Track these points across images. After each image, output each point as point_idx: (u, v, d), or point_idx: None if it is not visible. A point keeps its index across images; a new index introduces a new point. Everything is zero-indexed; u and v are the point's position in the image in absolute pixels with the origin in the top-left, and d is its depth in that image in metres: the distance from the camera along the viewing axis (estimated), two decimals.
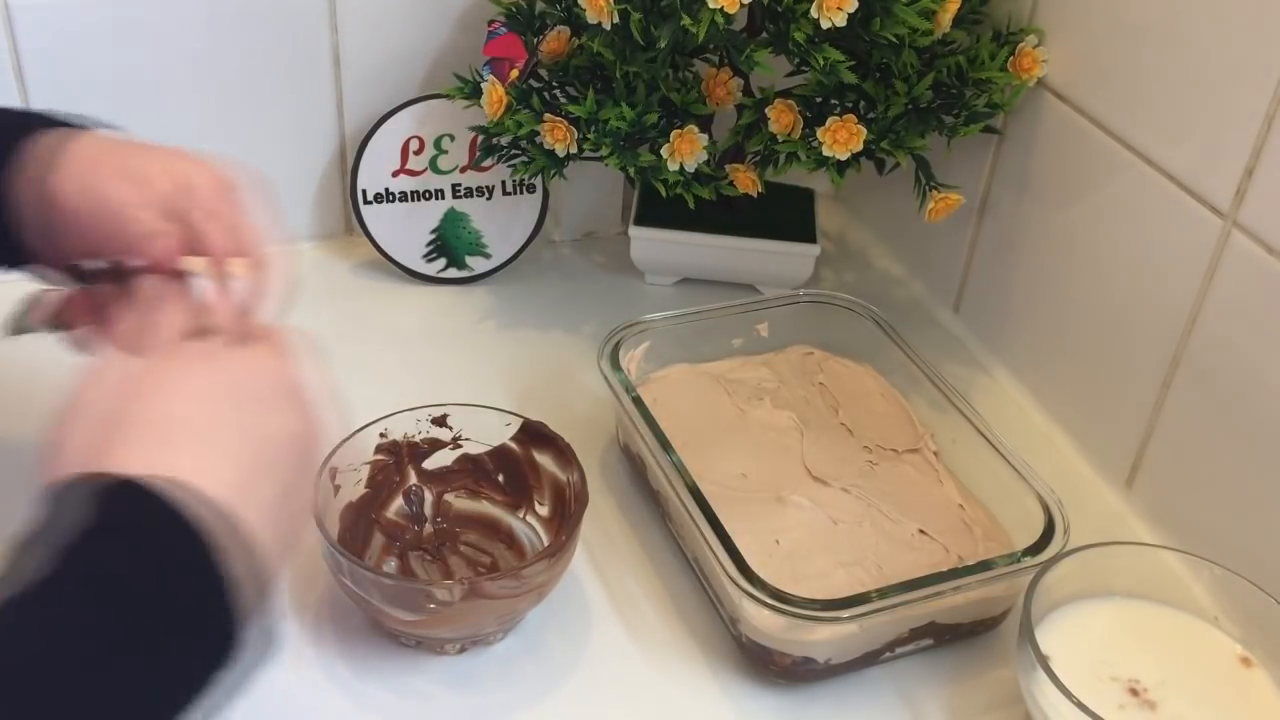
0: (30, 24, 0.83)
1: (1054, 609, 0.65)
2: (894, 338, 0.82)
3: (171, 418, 0.50)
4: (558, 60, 0.86)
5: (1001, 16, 0.84)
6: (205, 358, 0.55)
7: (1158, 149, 0.74)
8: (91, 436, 0.49)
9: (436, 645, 0.67)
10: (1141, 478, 0.79)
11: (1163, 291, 0.75)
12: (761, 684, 0.68)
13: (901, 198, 0.92)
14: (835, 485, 0.76)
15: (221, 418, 0.51)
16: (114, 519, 0.45)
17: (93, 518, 0.44)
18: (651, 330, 0.81)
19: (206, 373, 0.53)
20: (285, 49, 0.90)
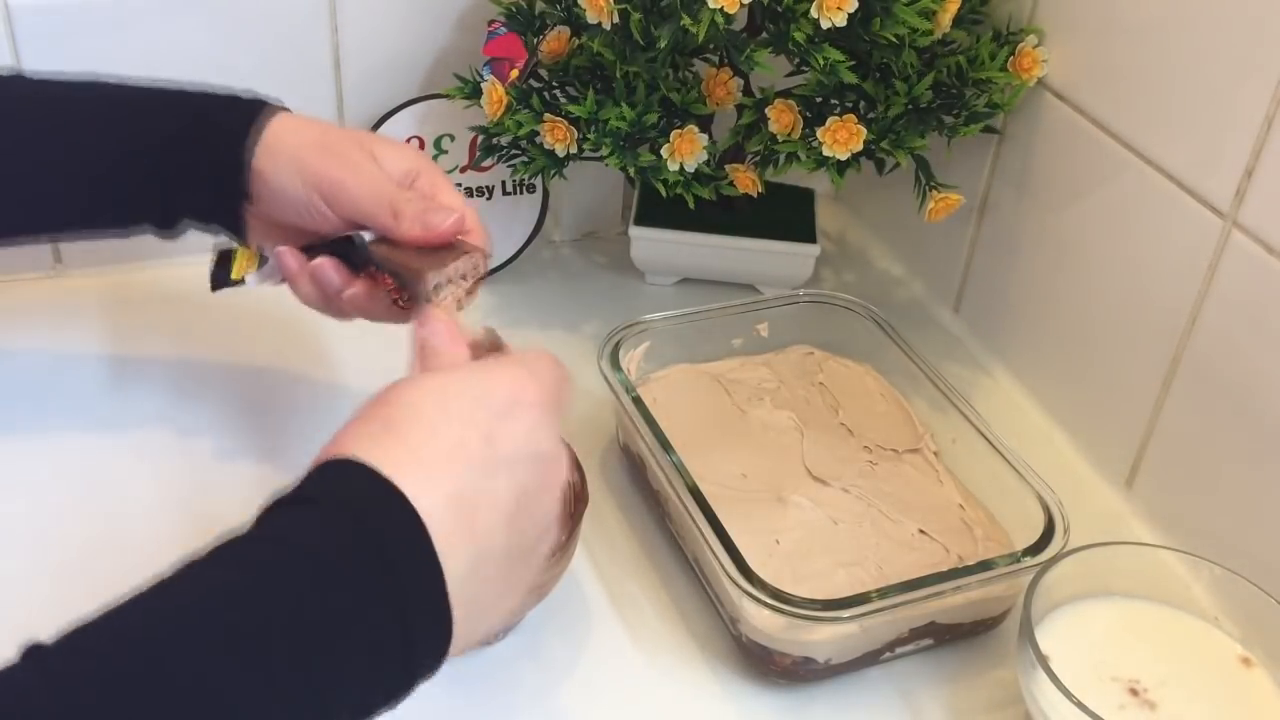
0: (30, 24, 0.83)
1: (1054, 609, 0.65)
2: (894, 338, 0.82)
3: (425, 422, 0.49)
4: (558, 60, 0.86)
5: (1001, 16, 0.85)
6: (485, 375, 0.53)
7: (1158, 149, 0.74)
8: (361, 428, 0.48)
9: None
10: (1141, 478, 0.79)
11: (1163, 291, 0.75)
12: (761, 684, 0.68)
13: (901, 198, 0.92)
14: (835, 485, 0.76)
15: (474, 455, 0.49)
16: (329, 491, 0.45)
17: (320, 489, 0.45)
18: (651, 330, 0.81)
19: (478, 393, 0.51)
20: (285, 49, 0.90)
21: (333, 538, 0.44)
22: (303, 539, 0.44)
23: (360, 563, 0.44)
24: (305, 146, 0.67)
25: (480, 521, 0.47)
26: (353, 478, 0.46)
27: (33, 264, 0.93)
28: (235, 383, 0.85)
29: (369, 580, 0.43)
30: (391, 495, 0.45)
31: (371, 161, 0.67)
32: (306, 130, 0.68)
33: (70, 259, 0.93)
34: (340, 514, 0.44)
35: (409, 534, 0.45)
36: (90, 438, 0.79)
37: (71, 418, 0.81)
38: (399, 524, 0.45)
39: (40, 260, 0.93)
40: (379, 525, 0.44)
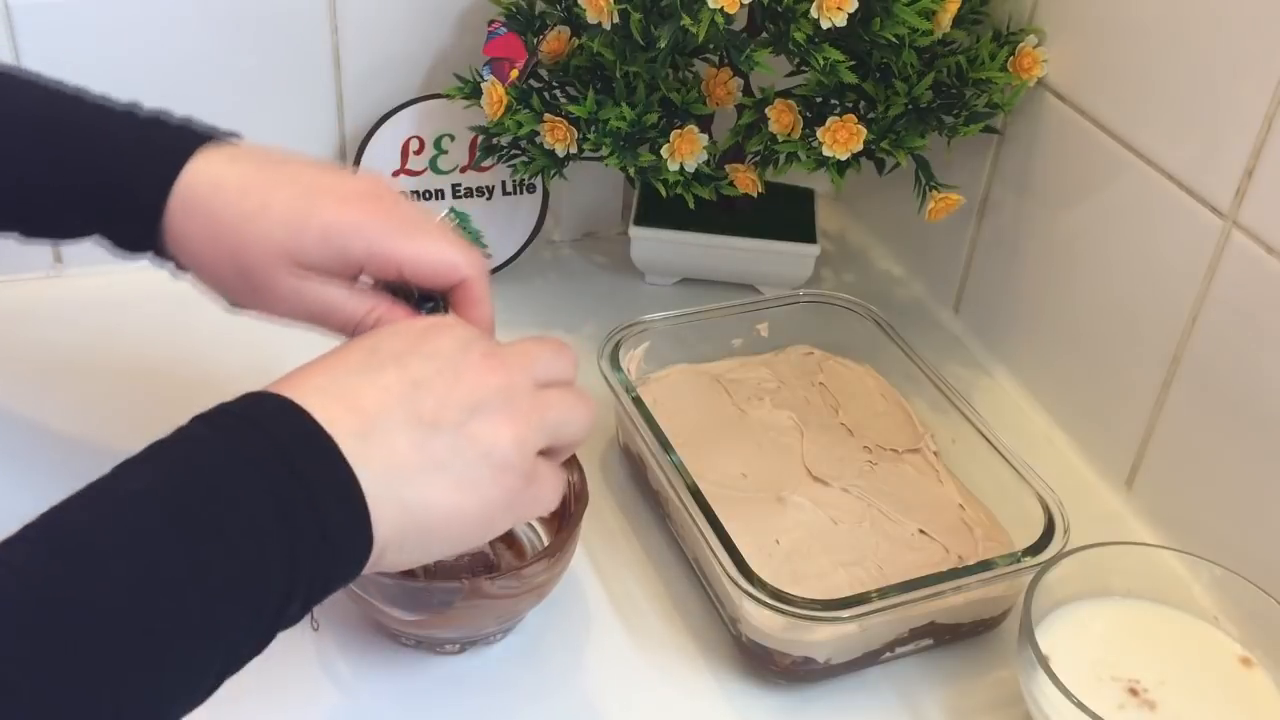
0: (30, 24, 0.83)
1: (1054, 609, 0.65)
2: (894, 338, 0.82)
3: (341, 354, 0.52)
4: (558, 60, 0.86)
5: (1001, 16, 0.85)
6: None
7: (1158, 149, 0.74)
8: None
9: (436, 645, 0.67)
10: (1141, 478, 0.79)
11: (1163, 291, 0.75)
12: (761, 684, 0.68)
13: (901, 198, 0.92)
14: (835, 485, 0.76)
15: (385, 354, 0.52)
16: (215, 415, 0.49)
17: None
18: (651, 330, 0.81)
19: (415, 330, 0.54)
20: (285, 49, 0.90)
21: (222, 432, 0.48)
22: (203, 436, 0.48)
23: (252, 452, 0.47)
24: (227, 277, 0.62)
25: (366, 400, 0.50)
26: (247, 398, 0.50)
27: (33, 264, 0.93)
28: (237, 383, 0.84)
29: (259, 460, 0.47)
30: (272, 396, 0.49)
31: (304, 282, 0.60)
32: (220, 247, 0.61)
33: (70, 259, 0.93)
34: (233, 420, 0.49)
35: (286, 413, 0.49)
36: (90, 438, 0.79)
37: (71, 418, 0.81)
38: (278, 410, 0.49)
39: (40, 260, 0.93)
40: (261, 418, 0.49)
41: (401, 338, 0.53)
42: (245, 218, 0.59)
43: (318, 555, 0.47)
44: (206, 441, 0.48)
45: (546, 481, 0.55)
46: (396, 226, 0.59)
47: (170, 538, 0.44)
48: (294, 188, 0.60)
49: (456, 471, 0.51)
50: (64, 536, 0.44)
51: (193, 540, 0.44)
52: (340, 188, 0.61)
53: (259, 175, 0.61)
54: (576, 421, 0.56)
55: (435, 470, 0.50)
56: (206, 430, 0.48)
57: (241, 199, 0.60)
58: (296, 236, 0.59)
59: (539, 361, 0.55)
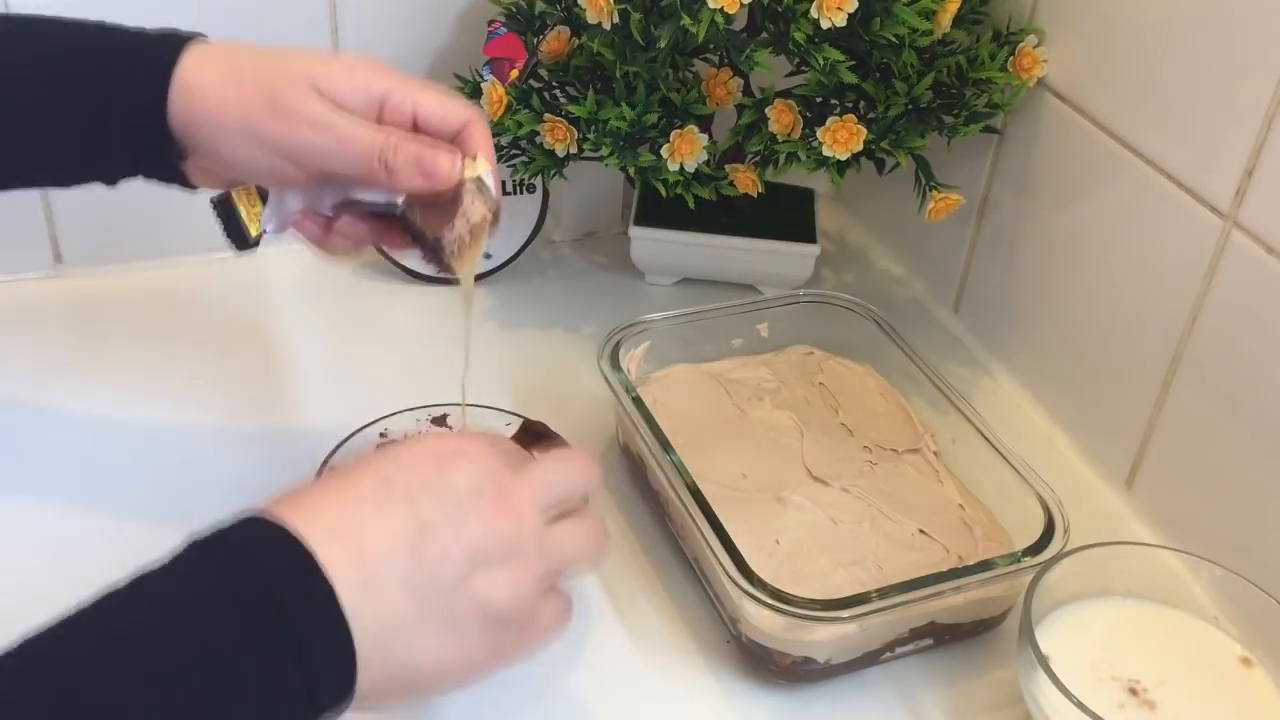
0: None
1: (1054, 609, 0.65)
2: (894, 338, 0.82)
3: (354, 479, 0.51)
4: (558, 60, 0.86)
5: (1001, 16, 0.85)
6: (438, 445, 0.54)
7: (1158, 149, 0.74)
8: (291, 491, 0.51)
9: None
10: (1141, 478, 0.79)
11: (1163, 291, 0.75)
12: (761, 684, 0.68)
13: (901, 198, 0.92)
14: (835, 485, 0.76)
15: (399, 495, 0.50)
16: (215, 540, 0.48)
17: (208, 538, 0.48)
18: (651, 330, 0.81)
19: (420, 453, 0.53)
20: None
21: (219, 569, 0.47)
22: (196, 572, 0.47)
23: (247, 594, 0.46)
24: (253, 111, 0.60)
25: (371, 545, 0.48)
26: (245, 525, 0.48)
27: (33, 264, 0.93)
28: (236, 383, 0.85)
29: (257, 608, 0.46)
30: (277, 531, 0.48)
31: (333, 109, 0.60)
32: (244, 85, 0.60)
33: (70, 259, 0.93)
34: (226, 556, 0.47)
35: (292, 558, 0.47)
36: (90, 437, 0.79)
37: (71, 417, 0.81)
38: (281, 551, 0.47)
39: (40, 260, 0.93)
40: (262, 559, 0.47)
41: (418, 468, 0.52)
42: (269, 56, 0.61)
43: (295, 710, 0.47)
44: (201, 586, 0.46)
45: (543, 618, 0.54)
46: (410, 79, 0.62)
47: (152, 698, 0.43)
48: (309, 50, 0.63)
49: (448, 626, 0.50)
50: (41, 679, 0.43)
51: (174, 700, 0.44)
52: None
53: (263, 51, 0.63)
54: (586, 555, 0.55)
55: (427, 625, 0.50)
56: (204, 569, 0.47)
57: (262, 51, 0.62)
58: (325, 66, 0.60)
59: (552, 490, 0.54)
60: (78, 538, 0.71)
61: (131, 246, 0.94)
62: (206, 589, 0.46)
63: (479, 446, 0.54)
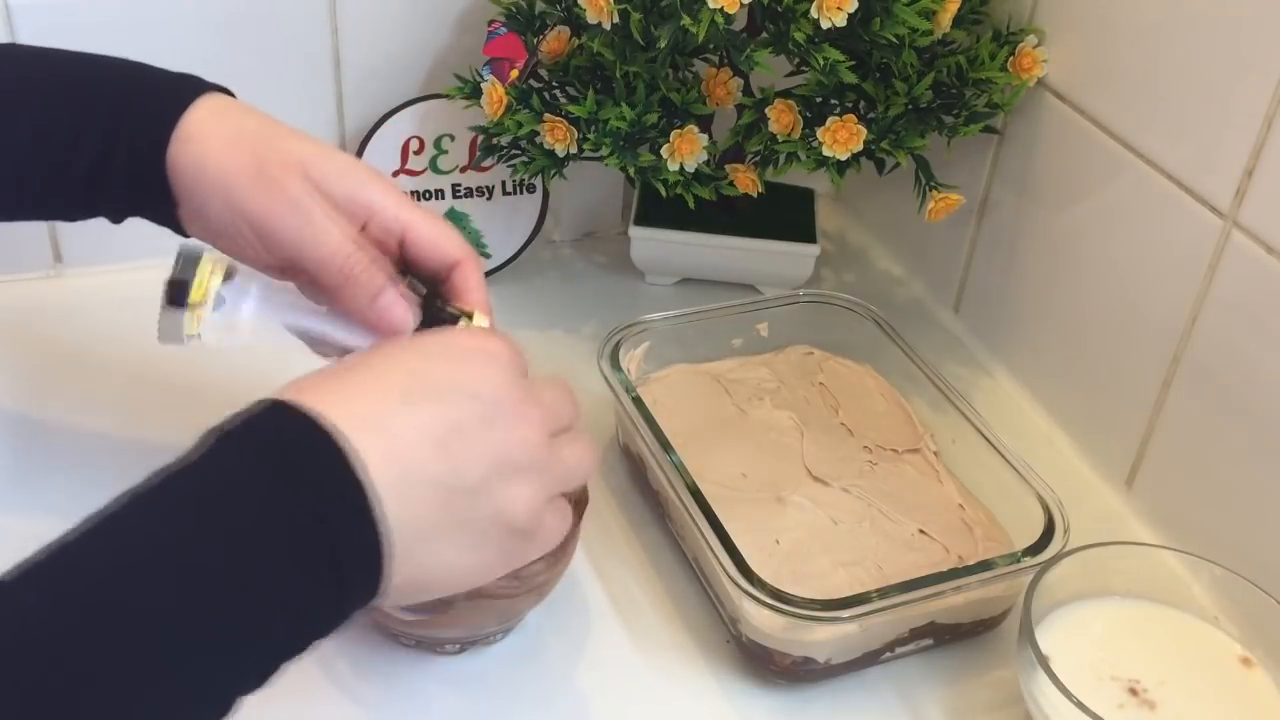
0: (30, 24, 0.83)
1: (1054, 609, 0.65)
2: (894, 338, 0.82)
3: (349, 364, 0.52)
4: (558, 60, 0.86)
5: (1001, 16, 0.84)
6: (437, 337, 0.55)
7: (1158, 149, 0.74)
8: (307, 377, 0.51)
9: (436, 645, 0.67)
10: (1141, 478, 0.79)
11: (1163, 291, 0.75)
12: (761, 684, 0.68)
13: (901, 198, 0.92)
14: (835, 485, 0.76)
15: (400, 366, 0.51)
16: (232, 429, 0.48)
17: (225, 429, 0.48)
18: (651, 330, 0.81)
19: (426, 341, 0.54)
20: (285, 49, 0.90)
21: (251, 465, 0.47)
22: (227, 468, 0.47)
23: (280, 487, 0.46)
24: (236, 175, 0.59)
25: (402, 442, 0.49)
26: (275, 412, 0.48)
27: (33, 264, 0.93)
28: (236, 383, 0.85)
29: (290, 500, 0.46)
30: (306, 420, 0.47)
31: (314, 198, 0.59)
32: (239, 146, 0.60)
33: (70, 259, 0.93)
34: (258, 445, 0.47)
35: (324, 451, 0.47)
36: (90, 437, 0.79)
37: (71, 418, 0.81)
38: (314, 443, 0.47)
39: (40, 260, 0.93)
40: (295, 450, 0.47)
41: (447, 366, 0.52)
42: (275, 130, 0.61)
43: (326, 608, 0.47)
44: (236, 480, 0.46)
45: (548, 529, 0.55)
46: (406, 199, 0.62)
47: (185, 592, 0.44)
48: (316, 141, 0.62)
49: (469, 531, 0.51)
50: (73, 581, 0.43)
51: (206, 595, 0.44)
52: None
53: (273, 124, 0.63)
54: (583, 470, 0.56)
55: (451, 530, 0.50)
56: (238, 460, 0.47)
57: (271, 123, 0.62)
58: (321, 159, 0.60)
59: (557, 409, 0.55)
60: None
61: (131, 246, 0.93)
62: (238, 486, 0.46)
63: (501, 345, 0.54)
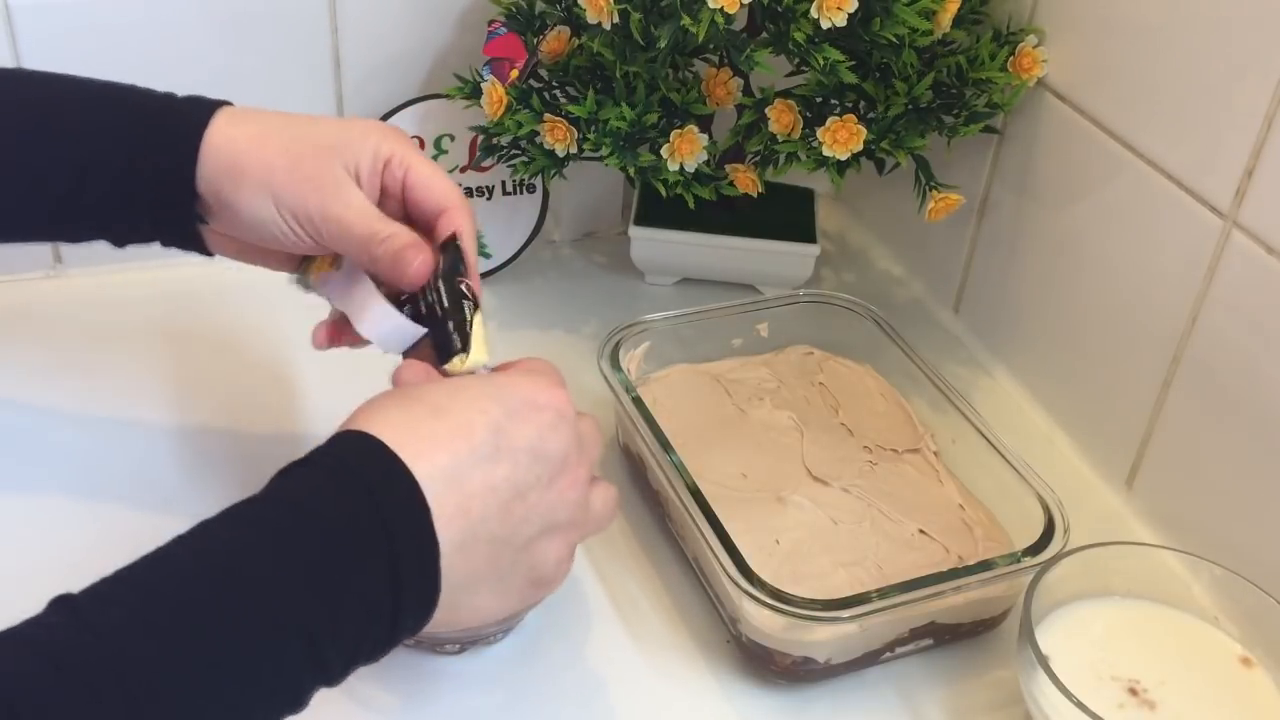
0: (30, 24, 0.83)
1: (1054, 609, 0.66)
2: (894, 338, 0.82)
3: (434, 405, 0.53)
4: (558, 60, 0.86)
5: (1001, 16, 0.85)
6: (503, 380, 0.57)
7: (1158, 149, 0.74)
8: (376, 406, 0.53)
9: (436, 645, 0.67)
10: (1141, 478, 0.79)
11: (1163, 291, 0.75)
12: (761, 684, 0.68)
13: (901, 198, 0.92)
14: (835, 485, 0.76)
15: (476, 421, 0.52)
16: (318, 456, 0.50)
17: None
18: (651, 330, 0.81)
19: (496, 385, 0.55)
20: (285, 49, 0.90)
21: (334, 500, 0.48)
22: (308, 501, 0.48)
23: (360, 522, 0.48)
24: (275, 169, 0.62)
25: (474, 501, 0.51)
26: (361, 447, 0.50)
27: (33, 264, 0.93)
28: (237, 383, 0.85)
29: (367, 539, 0.48)
30: (394, 464, 0.49)
31: (350, 181, 0.62)
32: (269, 143, 0.63)
33: (70, 259, 0.93)
34: (345, 479, 0.49)
35: (407, 500, 0.49)
36: (90, 438, 0.79)
37: (71, 418, 0.81)
38: (398, 490, 0.49)
39: (40, 260, 0.93)
40: (380, 491, 0.49)
41: (524, 423, 0.53)
42: (295, 122, 0.64)
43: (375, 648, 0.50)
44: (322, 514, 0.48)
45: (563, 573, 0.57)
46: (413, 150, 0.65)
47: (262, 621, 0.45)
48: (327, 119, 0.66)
49: (504, 581, 0.53)
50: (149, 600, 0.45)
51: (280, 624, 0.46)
52: None
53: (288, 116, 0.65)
54: (608, 519, 0.59)
55: (491, 581, 0.53)
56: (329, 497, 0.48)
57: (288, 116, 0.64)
58: (344, 134, 0.63)
59: (593, 455, 0.58)
60: (78, 538, 0.71)
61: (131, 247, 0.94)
62: (323, 517, 0.48)
63: (567, 404, 0.56)
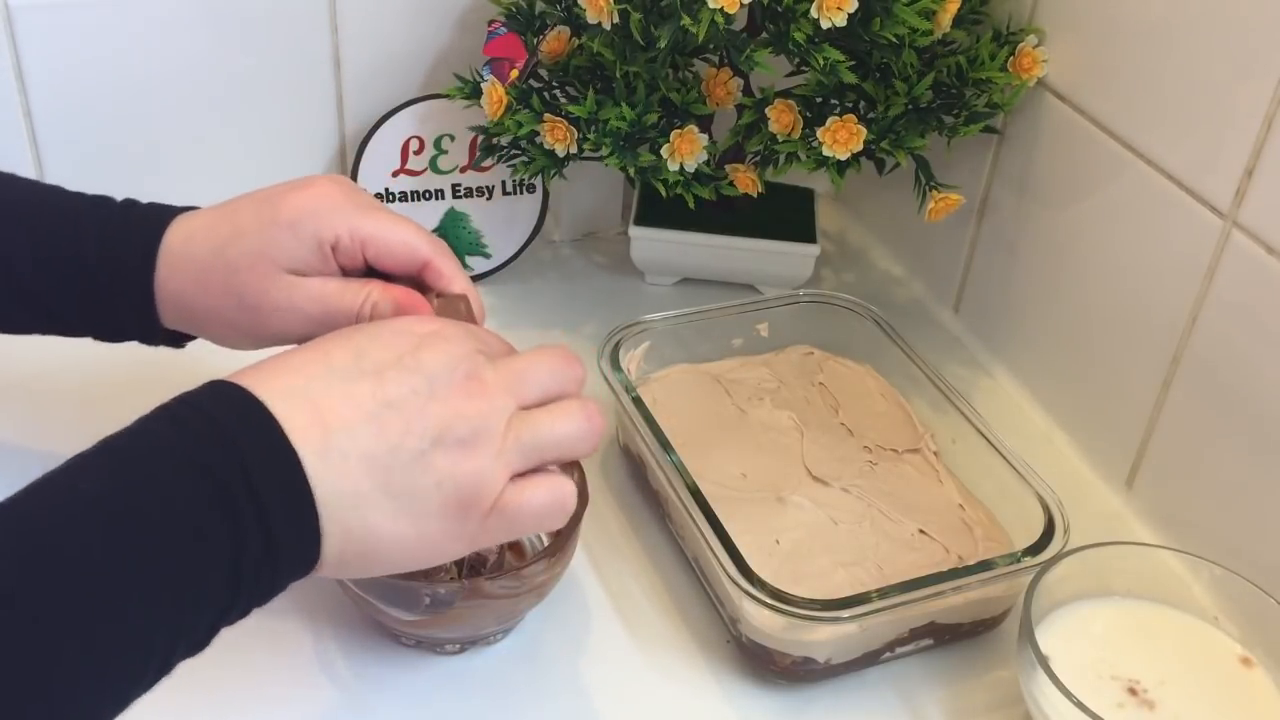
0: (30, 24, 0.83)
1: (1054, 609, 0.66)
2: (894, 338, 0.82)
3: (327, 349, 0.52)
4: (558, 60, 0.86)
5: (1001, 16, 0.85)
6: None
7: (1158, 149, 0.74)
8: None
9: (436, 645, 0.67)
10: (1141, 478, 0.79)
11: (1163, 291, 0.75)
12: (761, 684, 0.68)
13: (901, 198, 0.92)
14: (835, 485, 0.76)
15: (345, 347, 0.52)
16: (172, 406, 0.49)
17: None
18: (651, 330, 0.81)
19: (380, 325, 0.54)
20: (285, 49, 0.90)
21: (179, 428, 0.48)
22: (156, 432, 0.48)
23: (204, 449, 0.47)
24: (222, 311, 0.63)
25: (331, 414, 0.49)
26: (211, 389, 0.50)
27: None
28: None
29: (211, 456, 0.47)
30: (236, 391, 0.49)
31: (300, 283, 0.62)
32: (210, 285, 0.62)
33: None
34: (184, 414, 0.48)
35: (251, 415, 0.48)
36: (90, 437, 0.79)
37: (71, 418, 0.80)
38: (240, 408, 0.48)
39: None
40: (218, 412, 0.48)
41: (393, 346, 0.52)
42: (221, 246, 0.62)
43: (259, 569, 0.47)
44: (164, 440, 0.47)
45: (525, 502, 0.53)
46: (356, 208, 0.62)
47: (114, 543, 0.44)
48: (253, 201, 0.63)
49: (404, 500, 0.50)
50: (7, 535, 0.44)
51: (136, 546, 0.45)
52: (297, 184, 0.63)
53: (218, 212, 0.64)
54: (571, 434, 0.54)
55: (383, 498, 0.50)
56: (167, 426, 0.48)
57: (212, 234, 0.63)
58: (270, 237, 0.61)
59: (530, 380, 0.54)
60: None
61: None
62: (167, 445, 0.47)
63: (458, 331, 0.54)
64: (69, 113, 0.87)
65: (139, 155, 0.89)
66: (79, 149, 0.88)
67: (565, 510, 0.55)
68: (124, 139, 0.89)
